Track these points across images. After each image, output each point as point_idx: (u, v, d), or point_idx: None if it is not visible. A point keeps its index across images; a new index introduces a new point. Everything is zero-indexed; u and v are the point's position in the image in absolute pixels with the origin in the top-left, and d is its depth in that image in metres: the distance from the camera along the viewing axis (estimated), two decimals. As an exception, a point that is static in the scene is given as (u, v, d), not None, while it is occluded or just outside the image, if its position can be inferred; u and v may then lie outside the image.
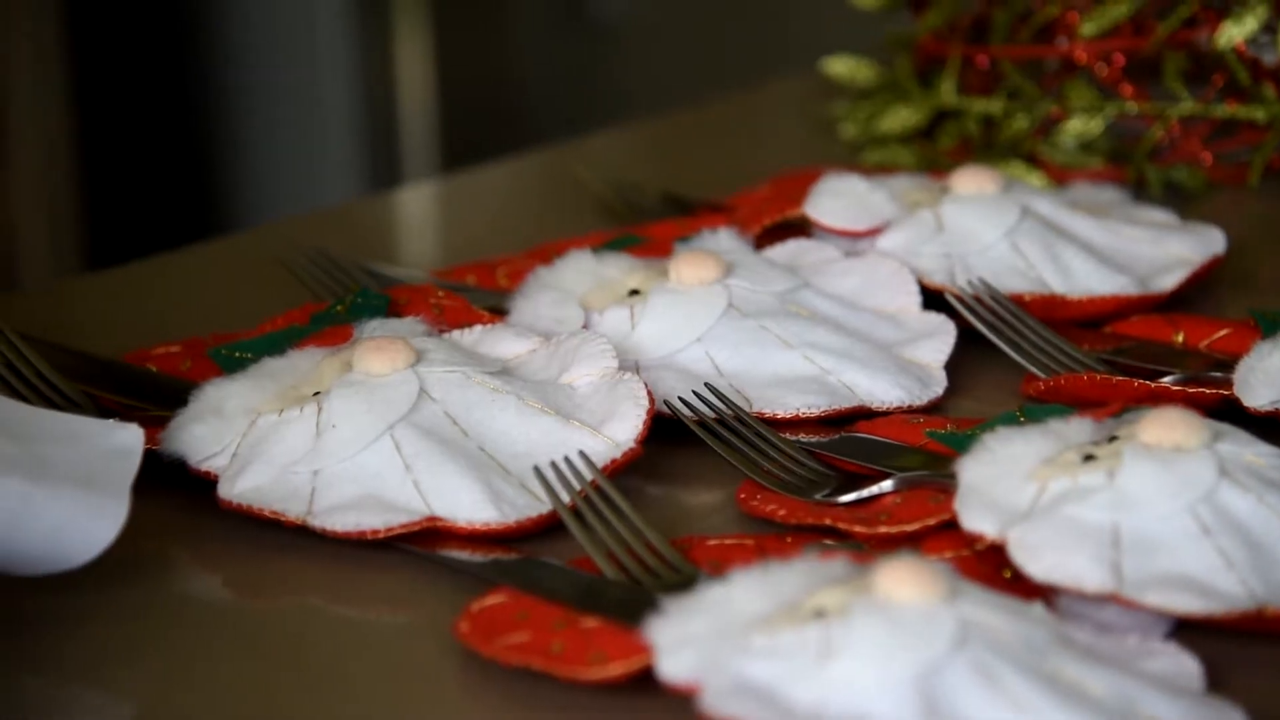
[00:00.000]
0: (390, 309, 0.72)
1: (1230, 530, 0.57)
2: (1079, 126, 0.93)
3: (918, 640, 0.50)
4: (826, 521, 0.62)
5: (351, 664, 0.57)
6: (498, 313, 0.73)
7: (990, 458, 0.60)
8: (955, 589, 0.52)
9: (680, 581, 0.57)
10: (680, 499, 0.66)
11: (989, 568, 0.58)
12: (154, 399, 0.68)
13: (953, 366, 0.72)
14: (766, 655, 0.51)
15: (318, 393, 0.65)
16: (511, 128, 2.21)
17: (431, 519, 0.61)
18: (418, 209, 1.02)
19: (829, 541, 0.61)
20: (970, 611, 0.52)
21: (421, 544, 0.61)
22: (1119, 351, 0.73)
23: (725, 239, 0.76)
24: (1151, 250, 0.79)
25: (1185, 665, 0.54)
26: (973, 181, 0.80)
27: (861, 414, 0.69)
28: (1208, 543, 0.57)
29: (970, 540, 0.59)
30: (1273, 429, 0.64)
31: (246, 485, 0.63)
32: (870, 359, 0.71)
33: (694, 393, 0.68)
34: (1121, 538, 0.57)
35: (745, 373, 0.70)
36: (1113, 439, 0.60)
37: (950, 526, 0.60)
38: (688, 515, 0.65)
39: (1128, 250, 0.79)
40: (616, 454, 0.64)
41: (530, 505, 0.62)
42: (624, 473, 0.64)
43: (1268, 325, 0.72)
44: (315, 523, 0.62)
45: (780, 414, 0.68)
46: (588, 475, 0.62)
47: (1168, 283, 0.77)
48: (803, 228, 0.80)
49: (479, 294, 0.77)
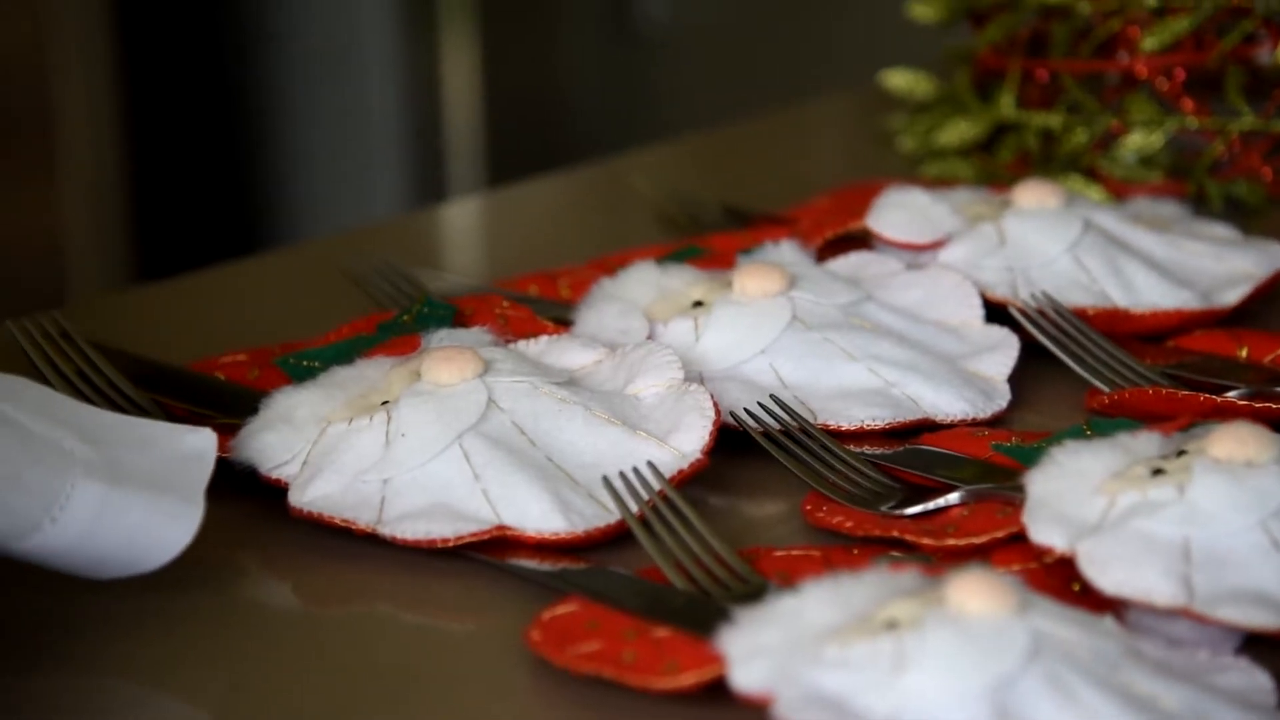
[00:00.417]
0: (456, 319, 0.72)
1: (1301, 545, 0.57)
2: (1139, 141, 0.93)
3: (991, 653, 0.50)
4: (893, 534, 0.62)
5: (421, 671, 0.57)
6: (561, 323, 0.74)
7: (1058, 471, 0.60)
8: (1026, 602, 0.52)
9: (749, 592, 0.57)
10: (745, 510, 0.66)
11: (1058, 581, 0.58)
12: (222, 407, 0.68)
13: (1016, 380, 0.72)
14: (839, 666, 0.51)
15: (386, 402, 0.65)
16: (557, 139, 2.21)
17: (501, 528, 0.62)
18: (472, 221, 1.03)
19: (896, 554, 0.61)
20: (1042, 624, 0.52)
21: (490, 553, 0.62)
22: (1182, 366, 0.72)
23: (788, 251, 0.77)
24: (1214, 265, 0.79)
25: (1258, 680, 0.54)
26: (1035, 195, 0.80)
27: (926, 426, 0.69)
28: (1279, 558, 0.57)
29: (1039, 553, 0.59)
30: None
31: (317, 493, 0.63)
32: (934, 371, 0.71)
33: (759, 404, 0.68)
34: (1192, 552, 0.57)
35: (809, 385, 0.70)
36: (1181, 453, 0.60)
37: (1018, 539, 0.60)
38: (753, 526, 0.65)
39: (1190, 264, 0.79)
40: (683, 465, 0.64)
41: (598, 515, 0.62)
42: (689, 484, 0.64)
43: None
44: (385, 531, 0.62)
45: (845, 426, 0.68)
46: (656, 486, 0.62)
47: (1231, 297, 0.77)
48: (864, 240, 0.80)
49: (542, 304, 0.77)
